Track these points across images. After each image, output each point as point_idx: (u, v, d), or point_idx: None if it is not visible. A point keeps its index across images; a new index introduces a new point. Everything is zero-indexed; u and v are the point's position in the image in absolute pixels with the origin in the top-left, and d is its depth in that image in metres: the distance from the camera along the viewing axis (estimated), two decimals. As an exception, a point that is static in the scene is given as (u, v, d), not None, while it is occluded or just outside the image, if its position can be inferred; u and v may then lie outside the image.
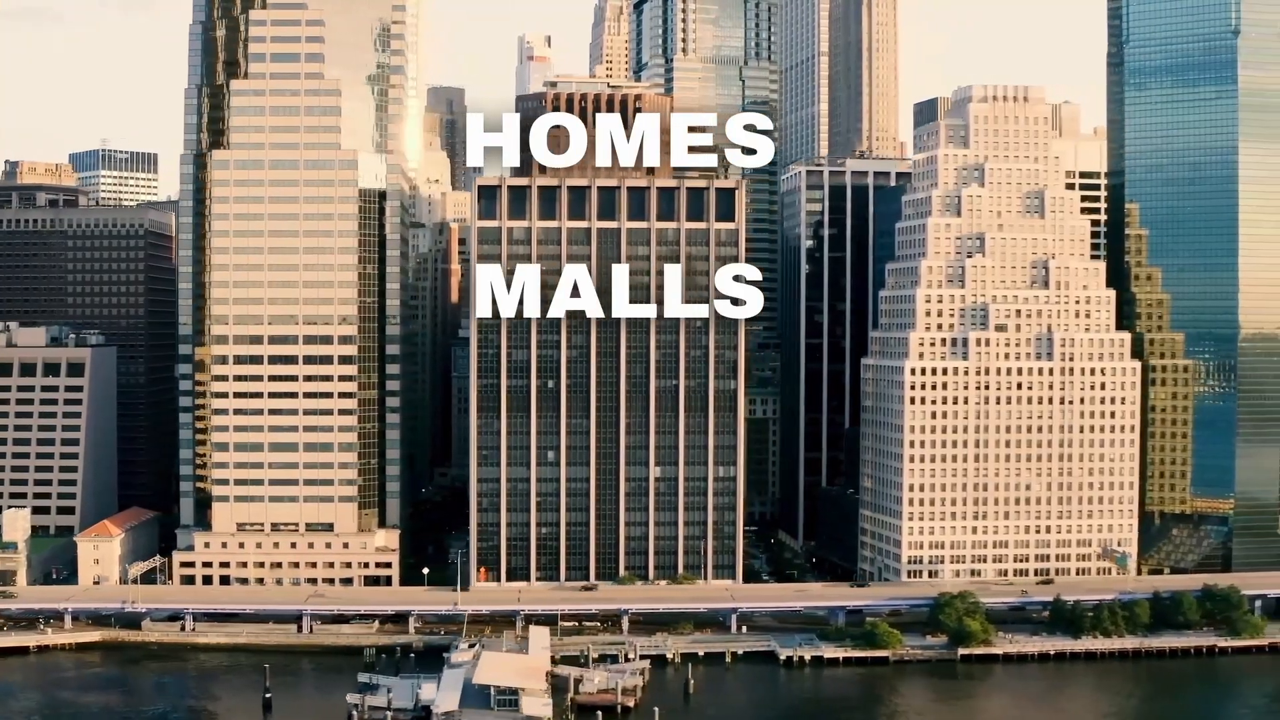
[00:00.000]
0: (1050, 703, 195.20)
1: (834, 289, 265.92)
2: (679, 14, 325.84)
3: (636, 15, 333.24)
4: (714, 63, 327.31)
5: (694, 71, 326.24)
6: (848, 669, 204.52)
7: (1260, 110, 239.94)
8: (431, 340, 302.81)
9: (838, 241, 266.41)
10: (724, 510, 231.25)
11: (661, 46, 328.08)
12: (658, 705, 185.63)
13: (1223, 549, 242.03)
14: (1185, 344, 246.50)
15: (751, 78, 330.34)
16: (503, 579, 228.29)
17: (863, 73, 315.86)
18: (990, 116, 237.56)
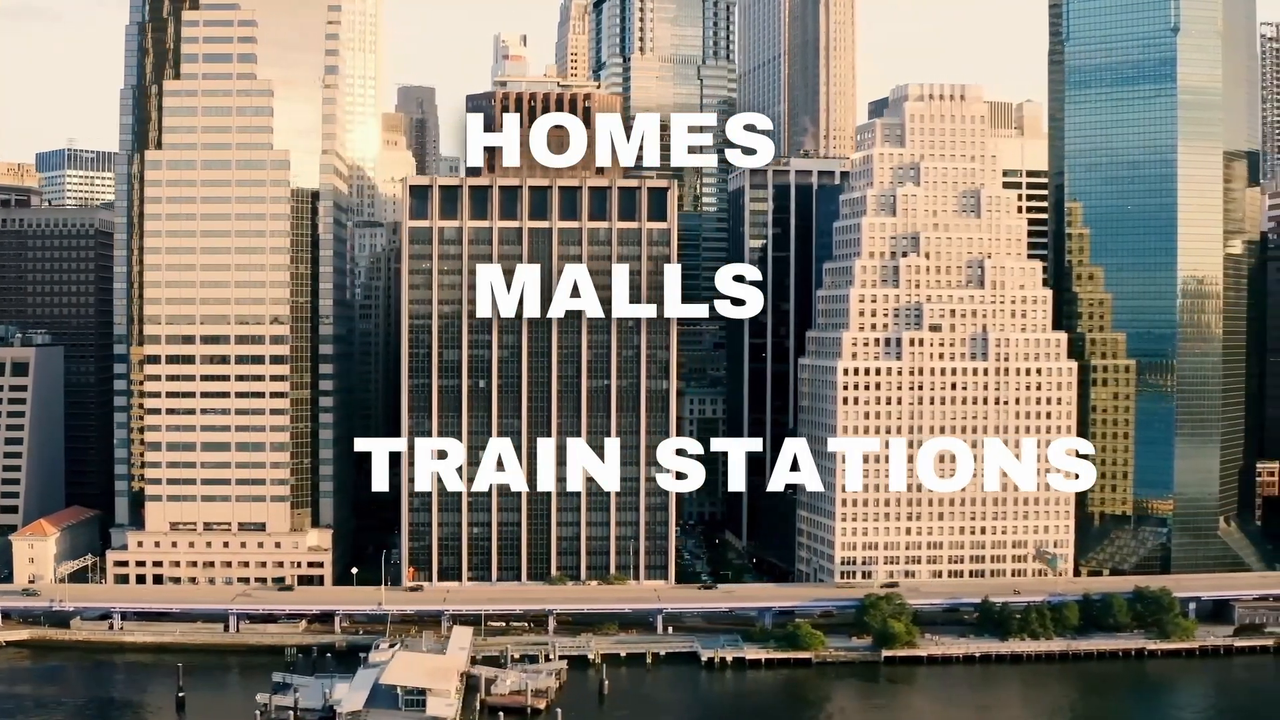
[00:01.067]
0: (963, 704, 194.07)
1: (778, 289, 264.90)
2: (636, 14, 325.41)
3: (596, 15, 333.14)
4: (671, 62, 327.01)
5: (651, 71, 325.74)
6: (770, 670, 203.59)
7: (1199, 109, 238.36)
8: (385, 339, 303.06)
9: (783, 241, 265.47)
10: (656, 511, 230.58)
11: (619, 46, 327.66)
12: (572, 706, 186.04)
13: (1162, 550, 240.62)
14: (1127, 344, 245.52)
15: (709, 77, 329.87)
16: (434, 579, 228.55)
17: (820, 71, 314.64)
18: (926, 115, 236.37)
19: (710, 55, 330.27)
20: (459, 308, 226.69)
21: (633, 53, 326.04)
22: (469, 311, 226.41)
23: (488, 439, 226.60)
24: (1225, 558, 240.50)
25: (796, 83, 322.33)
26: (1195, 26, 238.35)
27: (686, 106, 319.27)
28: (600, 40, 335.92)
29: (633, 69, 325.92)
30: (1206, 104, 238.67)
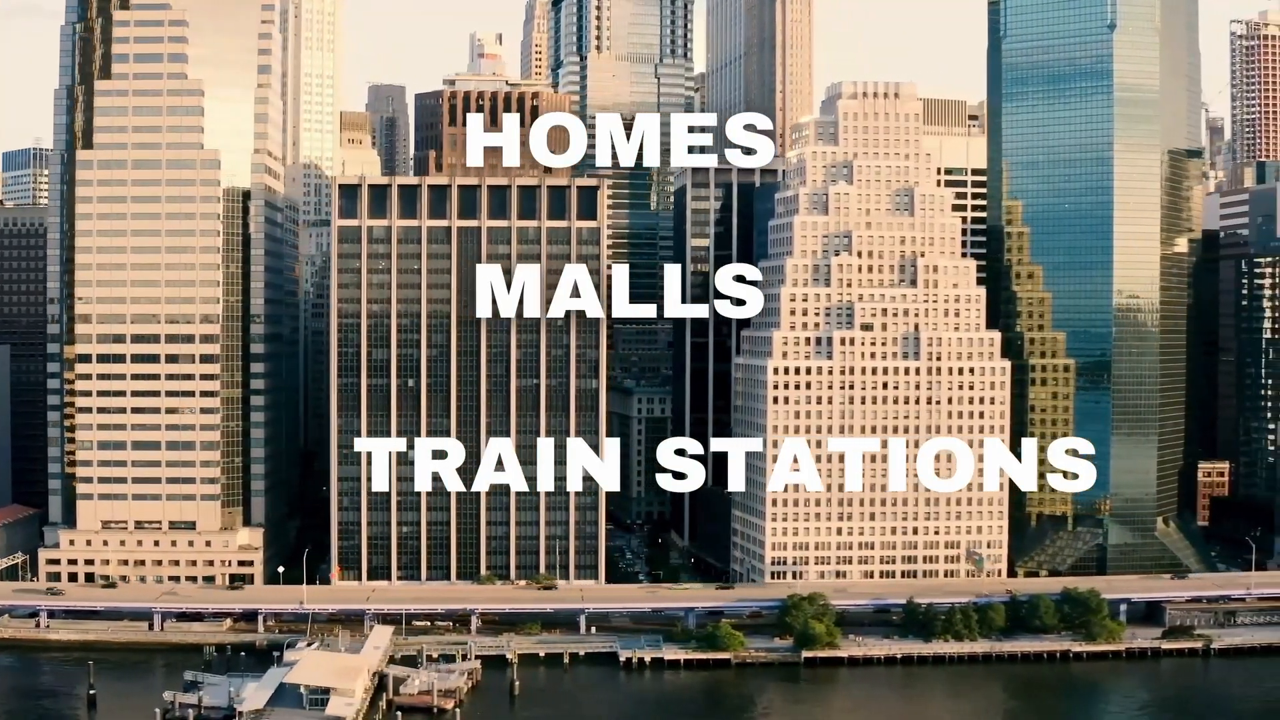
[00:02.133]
0: (877, 705, 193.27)
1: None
2: (593, 12, 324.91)
3: (555, 13, 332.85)
4: (628, 60, 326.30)
5: (607, 69, 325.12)
6: (689, 671, 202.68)
7: (1136, 106, 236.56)
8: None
9: (725, 240, 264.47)
10: (586, 510, 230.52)
11: (576, 44, 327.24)
12: (483, 706, 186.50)
13: (1098, 551, 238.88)
14: (1066, 343, 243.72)
15: (667, 75, 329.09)
16: (364, 578, 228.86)
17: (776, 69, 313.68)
18: (860, 114, 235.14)
19: (668, 54, 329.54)
20: (388, 306, 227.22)
21: (589, 51, 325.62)
22: (398, 311, 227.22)
23: (416, 438, 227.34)
24: (1163, 559, 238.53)
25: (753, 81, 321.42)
26: (1132, 24, 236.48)
27: (643, 105, 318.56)
28: (559, 39, 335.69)
29: (589, 68, 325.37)
30: (1144, 102, 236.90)
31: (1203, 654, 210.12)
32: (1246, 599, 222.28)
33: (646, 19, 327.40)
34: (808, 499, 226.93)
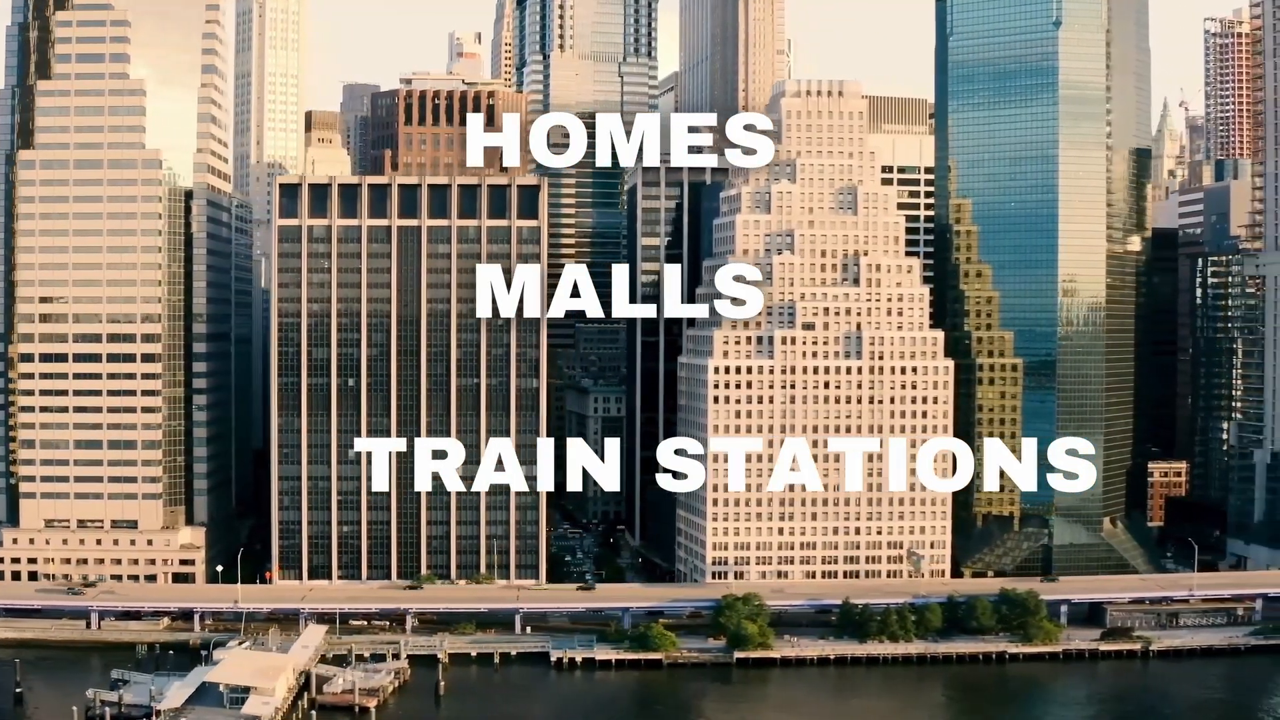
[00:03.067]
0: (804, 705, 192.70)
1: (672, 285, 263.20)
2: (556, 11, 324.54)
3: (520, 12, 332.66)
4: (591, 59, 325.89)
5: (571, 68, 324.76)
6: (620, 671, 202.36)
7: (1081, 104, 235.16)
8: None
9: (677, 239, 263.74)
10: (526, 510, 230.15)
11: (540, 43, 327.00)
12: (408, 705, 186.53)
13: (1043, 552, 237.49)
14: (1014, 342, 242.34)
15: (631, 74, 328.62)
16: (304, 577, 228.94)
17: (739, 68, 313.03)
18: (803, 112, 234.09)
19: (632, 53, 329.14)
20: (328, 306, 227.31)
21: (552, 50, 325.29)
22: (338, 310, 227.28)
23: (357, 437, 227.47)
24: (1109, 559, 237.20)
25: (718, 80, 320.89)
26: (1078, 21, 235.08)
27: (607, 105, 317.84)
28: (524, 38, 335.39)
29: (552, 67, 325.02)
30: (1089, 100, 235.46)
31: (1141, 655, 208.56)
32: (1190, 600, 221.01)
33: (610, 18, 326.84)
34: (749, 499, 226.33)
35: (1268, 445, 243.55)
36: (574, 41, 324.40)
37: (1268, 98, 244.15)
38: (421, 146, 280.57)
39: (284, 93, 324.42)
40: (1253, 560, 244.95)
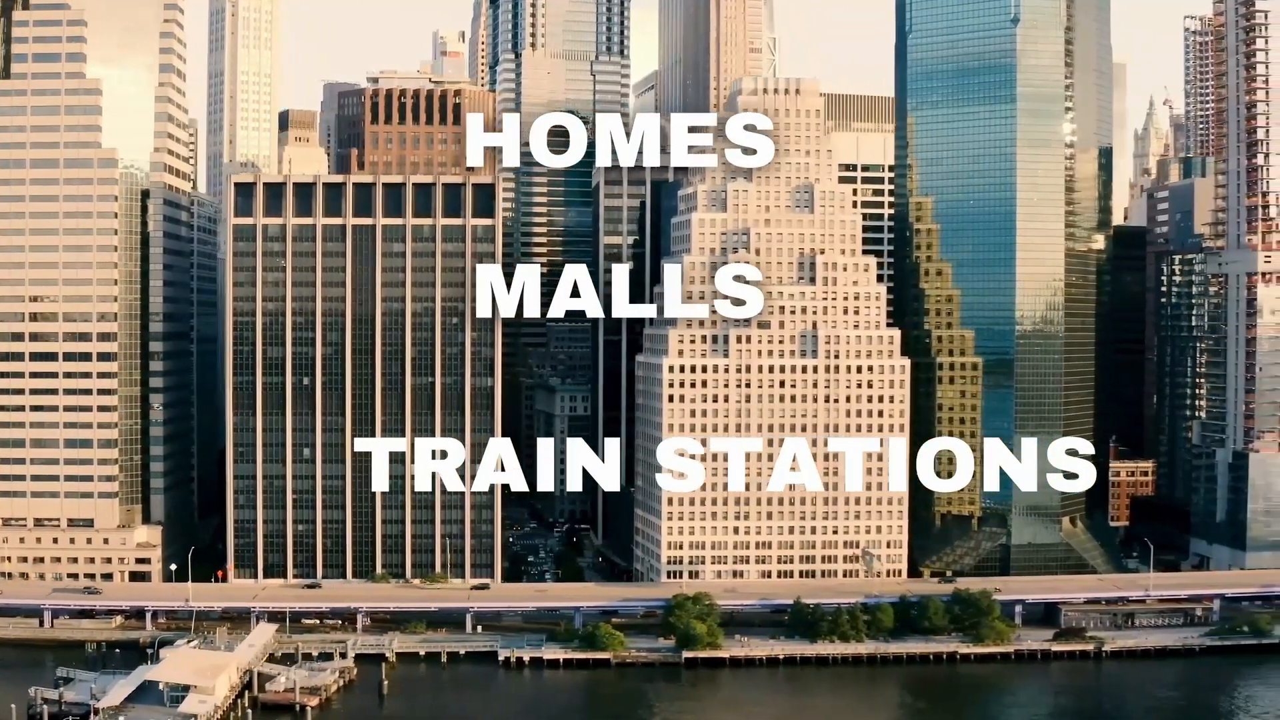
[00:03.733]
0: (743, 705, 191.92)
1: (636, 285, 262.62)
2: (528, 10, 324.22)
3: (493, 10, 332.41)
4: (563, 58, 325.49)
5: (542, 67, 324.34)
6: (568, 671, 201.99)
7: (1040, 101, 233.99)
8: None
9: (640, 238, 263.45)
10: (481, 509, 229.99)
11: (512, 42, 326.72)
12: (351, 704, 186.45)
13: (1002, 551, 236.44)
14: (974, 341, 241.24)
15: (603, 73, 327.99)
16: (260, 576, 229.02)
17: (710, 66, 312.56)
18: (760, 110, 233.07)
19: (604, 51, 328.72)
20: (283, 305, 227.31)
21: (524, 49, 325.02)
22: (293, 309, 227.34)
23: (312, 436, 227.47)
24: (1069, 559, 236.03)
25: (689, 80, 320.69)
26: (1037, 18, 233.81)
27: (578, 103, 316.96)
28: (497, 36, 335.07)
29: (524, 65, 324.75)
30: (1048, 98, 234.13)
31: (1094, 656, 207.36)
32: (1146, 600, 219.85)
33: (582, 17, 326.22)
34: (704, 498, 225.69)
35: (1230, 445, 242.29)
36: (545, 40, 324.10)
37: (1230, 95, 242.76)
38: (388, 145, 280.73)
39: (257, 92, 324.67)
40: (1215, 560, 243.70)
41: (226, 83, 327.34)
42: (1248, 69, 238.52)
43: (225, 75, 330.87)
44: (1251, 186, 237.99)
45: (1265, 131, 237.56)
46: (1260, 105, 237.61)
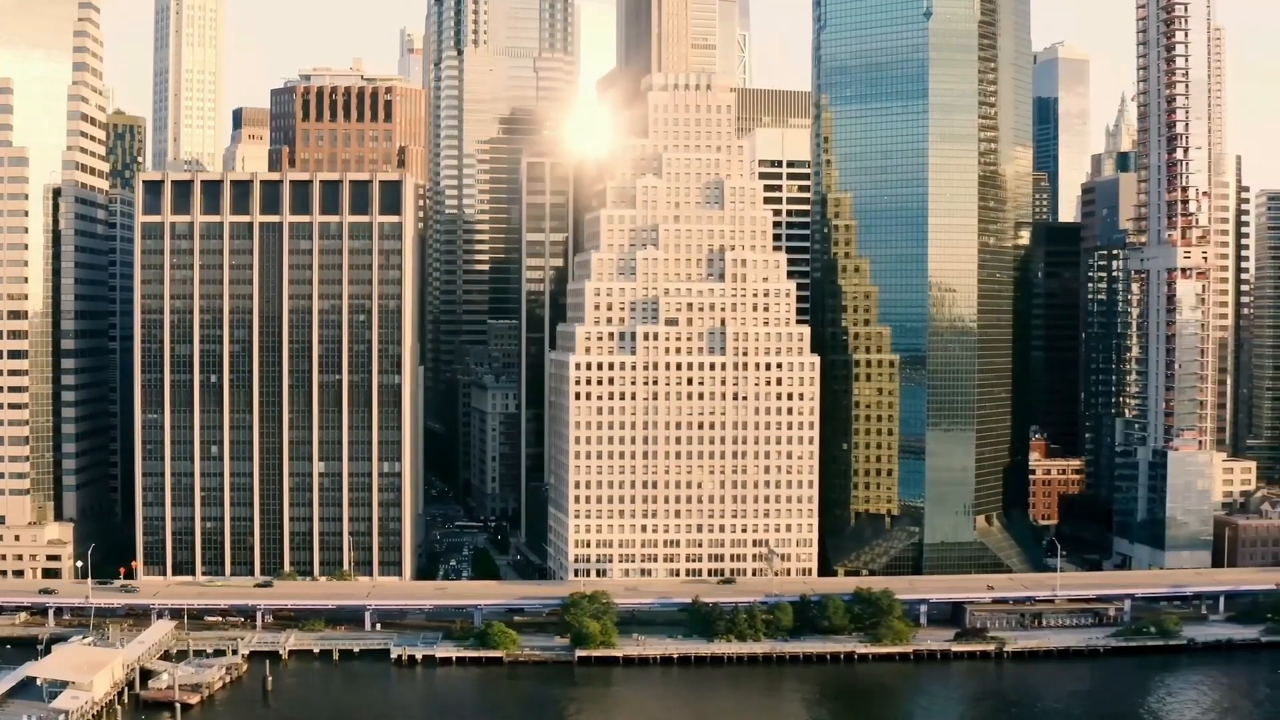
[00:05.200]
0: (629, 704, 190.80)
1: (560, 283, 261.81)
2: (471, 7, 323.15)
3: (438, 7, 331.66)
4: (506, 55, 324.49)
5: (485, 64, 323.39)
6: (461, 669, 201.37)
7: (951, 95, 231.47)
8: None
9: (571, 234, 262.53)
10: (389, 506, 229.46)
11: (455, 39, 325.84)
12: (235, 702, 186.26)
13: (914, 550, 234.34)
14: (891, 338, 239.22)
15: (546, 70, 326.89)
16: (169, 573, 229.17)
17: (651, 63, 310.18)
18: (670, 106, 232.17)
19: (548, 48, 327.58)
20: (190, 302, 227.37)
21: (466, 45, 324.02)
22: (201, 306, 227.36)
23: (220, 433, 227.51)
24: (984, 558, 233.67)
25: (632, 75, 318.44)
26: (950, 11, 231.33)
27: (520, 100, 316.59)
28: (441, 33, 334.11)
29: (466, 62, 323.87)
30: (960, 92, 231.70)
31: (995, 657, 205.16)
32: (1055, 601, 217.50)
33: (525, 14, 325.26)
34: (612, 496, 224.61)
35: (1150, 443, 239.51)
36: (488, 37, 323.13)
37: (1150, 89, 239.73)
38: (320, 143, 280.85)
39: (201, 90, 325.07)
40: (1136, 560, 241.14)
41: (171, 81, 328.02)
42: (1168, 62, 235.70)
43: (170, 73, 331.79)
44: (1171, 182, 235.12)
45: (1185, 126, 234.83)
46: (1180, 99, 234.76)
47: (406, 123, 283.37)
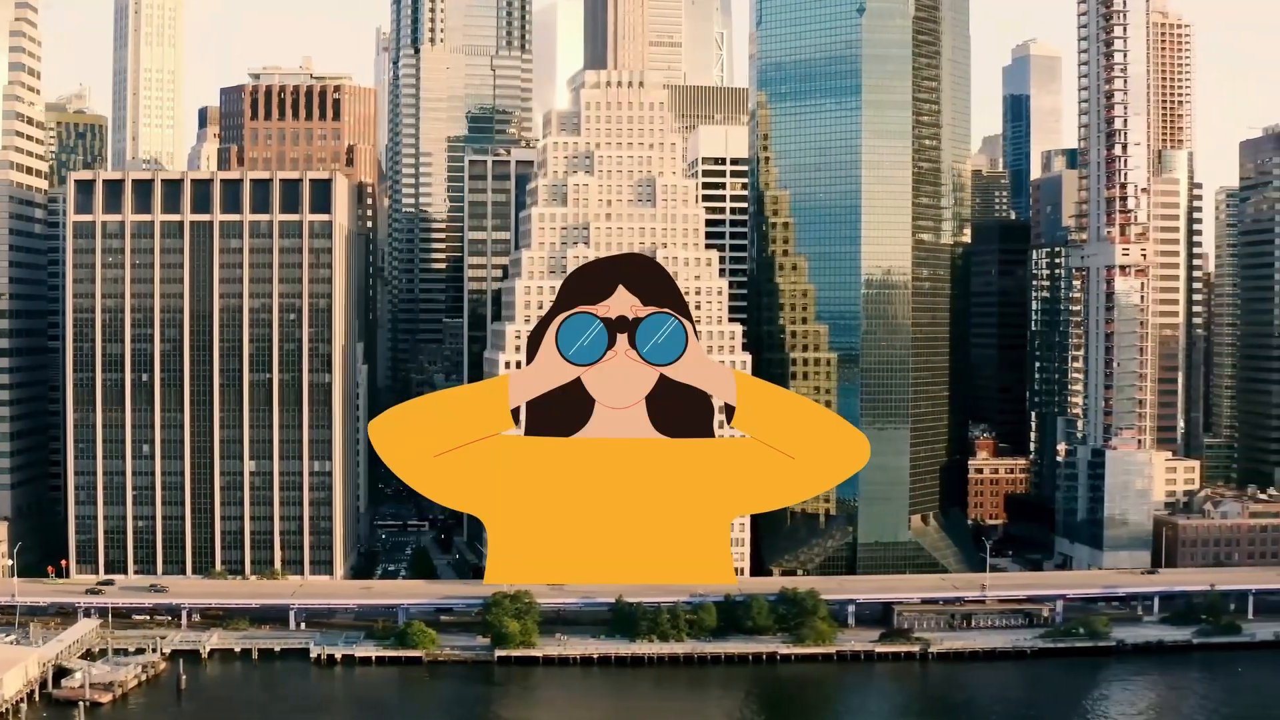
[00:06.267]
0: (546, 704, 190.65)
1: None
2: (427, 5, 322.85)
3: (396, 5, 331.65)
4: (463, 53, 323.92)
5: (441, 62, 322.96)
6: (380, 668, 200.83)
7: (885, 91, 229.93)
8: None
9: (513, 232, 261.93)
10: (320, 505, 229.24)
11: (412, 37, 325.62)
12: (147, 701, 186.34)
13: (848, 550, 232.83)
14: (828, 336, 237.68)
15: (503, 68, 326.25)
16: (101, 571, 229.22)
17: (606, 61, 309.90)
18: (602, 103, 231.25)
19: (504, 46, 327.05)
20: (122, 301, 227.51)
21: (423, 44, 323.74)
22: (132, 305, 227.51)
23: (151, 433, 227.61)
24: (919, 558, 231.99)
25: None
26: (883, 7, 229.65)
27: (477, 98, 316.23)
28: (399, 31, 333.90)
29: (423, 60, 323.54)
30: (895, 90, 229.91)
31: (920, 658, 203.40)
32: (985, 601, 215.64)
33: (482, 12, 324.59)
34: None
35: (1090, 442, 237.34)
36: (445, 35, 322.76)
37: (1090, 84, 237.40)
38: (268, 141, 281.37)
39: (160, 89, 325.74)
40: (1076, 560, 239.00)
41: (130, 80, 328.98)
42: (1106, 58, 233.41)
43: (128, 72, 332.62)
44: (1110, 178, 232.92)
45: (1124, 122, 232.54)
46: (1118, 95, 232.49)
47: (355, 121, 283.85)
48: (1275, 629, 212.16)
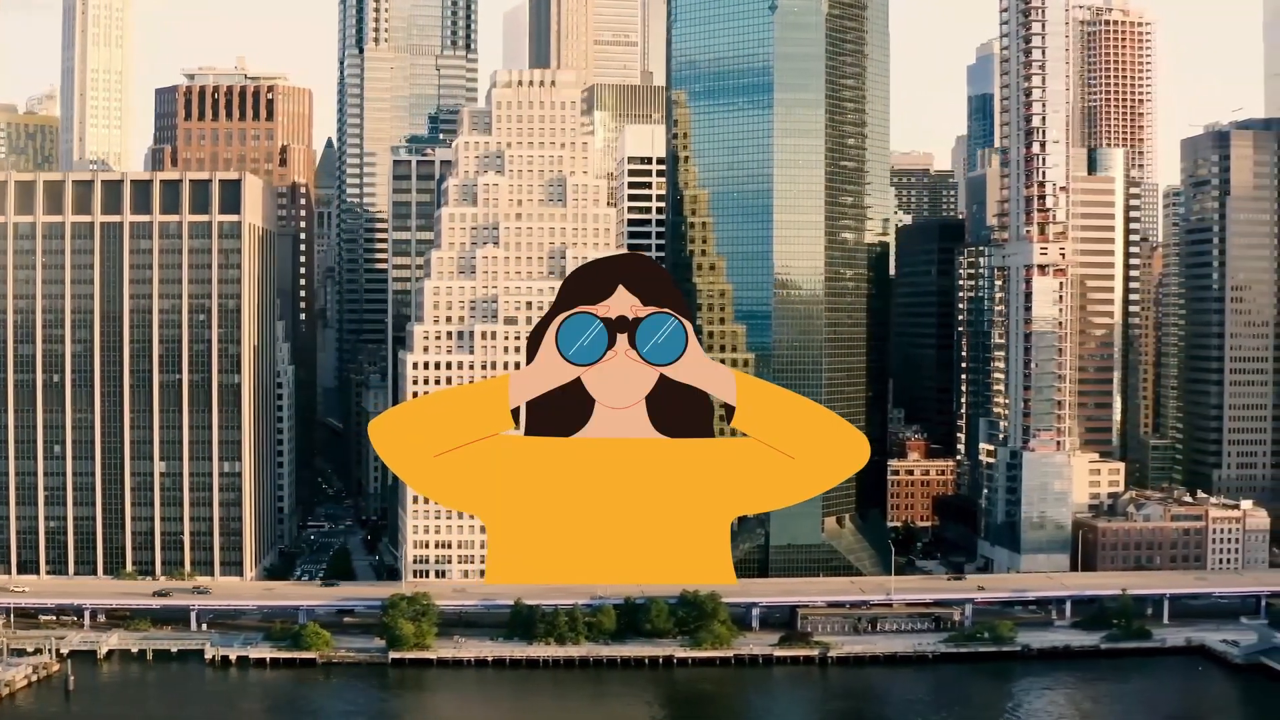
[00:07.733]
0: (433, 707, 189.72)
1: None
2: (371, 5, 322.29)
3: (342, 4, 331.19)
4: (407, 52, 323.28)
5: (386, 62, 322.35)
6: (274, 670, 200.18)
7: (797, 90, 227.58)
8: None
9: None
10: (230, 506, 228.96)
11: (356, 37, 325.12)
12: (35, 702, 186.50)
13: (759, 552, 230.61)
14: (745, 336, 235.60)
15: (448, 68, 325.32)
16: (13, 572, 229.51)
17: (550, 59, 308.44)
18: (514, 102, 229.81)
19: (449, 46, 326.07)
20: (33, 302, 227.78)
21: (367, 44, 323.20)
22: (43, 306, 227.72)
23: (62, 433, 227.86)
24: (833, 561, 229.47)
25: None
26: (796, 4, 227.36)
27: (421, 98, 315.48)
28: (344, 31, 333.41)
29: (367, 60, 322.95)
30: (807, 88, 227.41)
31: (819, 662, 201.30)
32: (892, 605, 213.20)
33: (427, 12, 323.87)
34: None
35: (1010, 444, 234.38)
36: (389, 35, 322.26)
37: (1011, 80, 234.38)
38: (202, 142, 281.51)
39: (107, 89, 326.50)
40: (997, 563, 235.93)
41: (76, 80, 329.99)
42: (1025, 54, 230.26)
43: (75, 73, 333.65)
44: (1029, 176, 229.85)
45: (1042, 119, 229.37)
46: (1037, 91, 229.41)
47: (289, 121, 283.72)
48: (1187, 634, 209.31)
